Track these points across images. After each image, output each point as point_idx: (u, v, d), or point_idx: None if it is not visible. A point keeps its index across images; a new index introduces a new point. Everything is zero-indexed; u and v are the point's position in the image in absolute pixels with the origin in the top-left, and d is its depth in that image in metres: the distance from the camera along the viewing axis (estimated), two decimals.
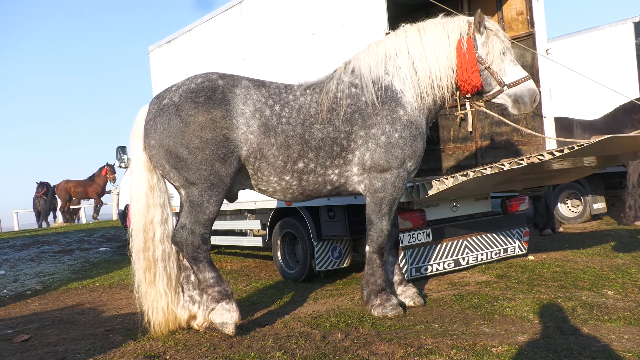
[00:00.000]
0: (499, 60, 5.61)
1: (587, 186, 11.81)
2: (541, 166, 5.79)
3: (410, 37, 5.70)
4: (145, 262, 5.47)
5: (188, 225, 5.28)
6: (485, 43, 5.58)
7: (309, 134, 5.41)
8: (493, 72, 5.59)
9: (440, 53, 5.60)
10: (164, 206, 5.56)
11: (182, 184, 5.31)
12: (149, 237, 5.47)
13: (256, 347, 4.87)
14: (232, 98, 5.29)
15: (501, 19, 8.12)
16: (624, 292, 5.89)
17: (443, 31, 5.65)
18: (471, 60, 5.53)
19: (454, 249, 7.38)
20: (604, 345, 4.28)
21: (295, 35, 7.94)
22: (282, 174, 5.45)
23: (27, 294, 9.09)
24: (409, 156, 5.55)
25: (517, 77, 5.64)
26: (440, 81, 5.60)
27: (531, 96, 5.65)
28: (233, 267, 10.26)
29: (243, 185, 5.69)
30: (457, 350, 4.35)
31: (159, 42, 11.08)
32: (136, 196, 5.50)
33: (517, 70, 5.68)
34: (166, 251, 5.53)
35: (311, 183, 5.57)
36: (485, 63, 5.58)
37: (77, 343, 5.61)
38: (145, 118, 5.44)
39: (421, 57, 5.61)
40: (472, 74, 5.53)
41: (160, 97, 5.44)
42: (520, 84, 5.62)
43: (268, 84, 5.62)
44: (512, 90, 5.63)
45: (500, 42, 5.61)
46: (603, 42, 13.08)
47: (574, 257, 8.12)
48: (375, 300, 5.66)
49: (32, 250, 14.02)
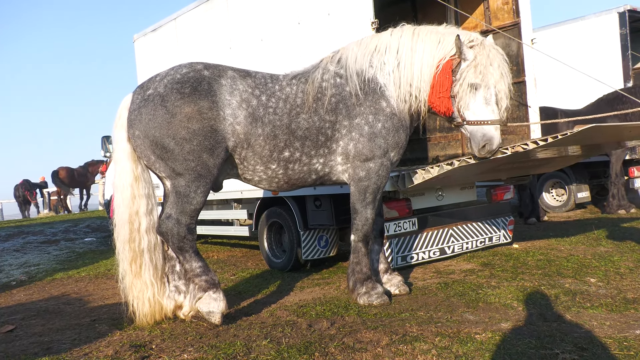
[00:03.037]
0: (465, 94, 5.27)
1: (572, 175, 11.92)
2: (526, 155, 5.83)
3: (404, 38, 5.55)
4: (131, 253, 5.44)
5: (174, 215, 5.26)
6: (463, 71, 5.26)
7: (295, 123, 5.40)
8: (457, 104, 5.33)
9: (426, 64, 5.42)
10: (149, 197, 5.53)
11: (169, 174, 5.29)
12: (135, 228, 5.44)
13: (242, 336, 4.89)
14: (218, 89, 5.26)
15: (487, 8, 8.13)
16: (607, 279, 5.96)
17: (437, 43, 5.42)
18: (441, 85, 5.35)
19: (440, 237, 7.43)
20: (586, 331, 4.34)
21: (281, 24, 7.90)
22: (268, 163, 5.44)
23: (12, 285, 9.03)
24: (391, 146, 5.56)
25: (477, 117, 5.30)
26: (418, 93, 5.44)
27: (479, 142, 5.33)
28: (220, 256, 10.25)
29: (229, 175, 5.68)
30: (441, 337, 4.39)
31: (144, 30, 10.98)
32: (121, 187, 5.46)
33: (481, 110, 5.30)
34: (152, 242, 5.51)
35: (296, 172, 5.57)
36: (452, 92, 5.34)
37: (62, 333, 5.59)
38: (128, 108, 5.37)
39: (405, 64, 5.46)
40: (438, 99, 5.39)
41: (144, 87, 5.38)
42: (477, 126, 5.32)
43: (254, 74, 5.59)
44: (469, 128, 5.37)
45: (474, 75, 5.24)
46: (588, 32, 13.14)
47: (558, 245, 8.21)
48: (361, 289, 5.69)
49: (16, 240, 13.93)
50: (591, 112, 10.91)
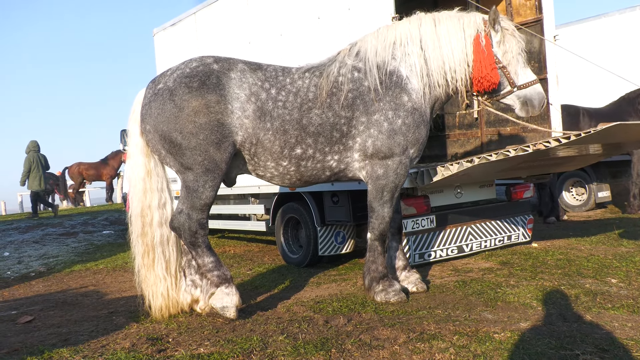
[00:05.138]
0: (515, 61, 5.57)
1: (592, 174, 11.76)
2: (547, 153, 5.75)
3: (425, 26, 5.59)
4: (143, 247, 5.48)
5: (185, 210, 5.27)
6: (501, 42, 5.53)
7: (306, 118, 5.34)
8: (507, 73, 5.54)
9: (456, 46, 5.51)
10: (162, 191, 5.55)
11: (178, 169, 5.31)
12: (147, 222, 5.47)
13: (259, 331, 4.88)
14: (227, 82, 5.23)
15: (509, 4, 8.03)
16: (628, 280, 5.87)
17: (459, 24, 5.56)
18: (489, 58, 5.46)
19: (458, 235, 7.36)
20: (607, 332, 4.27)
21: (301, 19, 7.87)
22: (279, 159, 5.40)
23: (31, 276, 9.13)
24: (411, 143, 5.50)
25: (528, 79, 5.59)
26: (454, 73, 5.52)
27: (540, 100, 5.62)
28: (236, 251, 10.28)
29: (241, 171, 5.66)
30: (459, 336, 4.34)
31: (163, 24, 11.00)
32: (134, 181, 5.50)
33: (528, 72, 5.64)
34: (164, 235, 5.53)
35: (309, 169, 5.52)
36: (501, 62, 5.52)
37: (80, 325, 5.63)
38: (141, 103, 5.41)
39: (434, 48, 5.52)
40: (492, 71, 5.46)
41: (155, 82, 5.40)
42: (530, 87, 5.59)
43: (265, 66, 5.55)
44: (522, 92, 5.59)
45: (517, 42, 5.57)
46: (612, 29, 12.95)
47: (577, 245, 8.10)
48: (377, 287, 5.65)
49: (36, 232, 14.07)
50: (612, 111, 10.77)
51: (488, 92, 5.62)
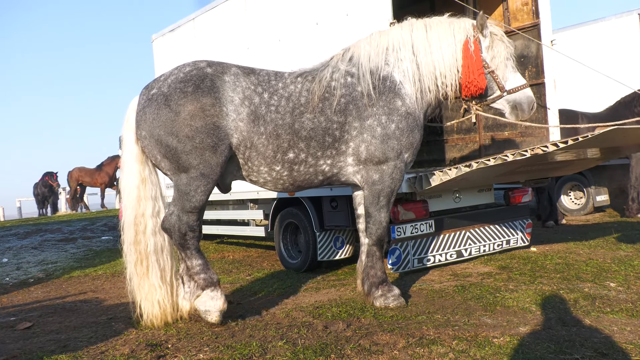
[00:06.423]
0: (503, 66, 5.64)
1: (591, 178, 11.78)
2: (545, 157, 5.77)
3: (416, 32, 5.64)
4: (136, 255, 5.48)
5: (176, 212, 5.29)
6: (490, 47, 5.59)
7: (298, 123, 5.35)
8: (496, 77, 5.61)
9: (447, 51, 5.56)
10: (156, 199, 5.55)
11: (173, 172, 5.30)
12: (140, 230, 5.47)
13: (258, 337, 4.88)
14: (221, 85, 5.25)
15: (506, 9, 8.06)
16: (627, 284, 5.88)
17: (449, 30, 5.62)
18: (478, 63, 5.51)
19: (457, 240, 7.37)
20: (606, 336, 4.28)
21: (299, 25, 7.90)
22: (272, 164, 5.40)
23: (30, 282, 9.12)
24: (405, 147, 5.51)
25: (517, 83, 5.67)
26: (445, 79, 5.56)
27: (529, 104, 5.70)
28: (235, 256, 10.27)
29: (235, 177, 5.65)
30: (458, 341, 4.34)
31: (162, 30, 11.04)
32: (127, 189, 5.49)
33: (517, 77, 5.72)
34: (158, 244, 5.52)
35: (302, 173, 5.52)
36: (489, 67, 5.58)
37: (79, 331, 5.62)
38: (135, 110, 5.41)
39: (426, 53, 5.56)
40: (479, 76, 5.50)
41: (149, 87, 5.40)
42: (519, 91, 5.66)
43: (258, 71, 5.56)
44: (511, 97, 5.68)
45: (505, 47, 5.63)
46: (608, 34, 13.00)
47: (576, 249, 8.11)
48: (376, 292, 5.65)
49: (35, 238, 14.07)
50: (609, 114, 10.79)
51: (476, 96, 5.67)
